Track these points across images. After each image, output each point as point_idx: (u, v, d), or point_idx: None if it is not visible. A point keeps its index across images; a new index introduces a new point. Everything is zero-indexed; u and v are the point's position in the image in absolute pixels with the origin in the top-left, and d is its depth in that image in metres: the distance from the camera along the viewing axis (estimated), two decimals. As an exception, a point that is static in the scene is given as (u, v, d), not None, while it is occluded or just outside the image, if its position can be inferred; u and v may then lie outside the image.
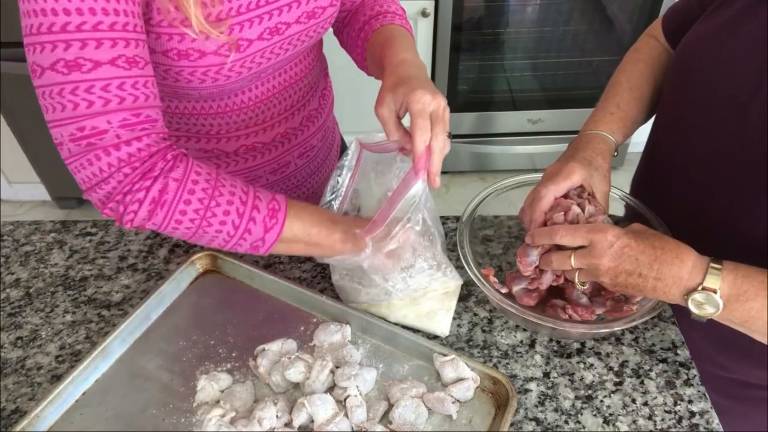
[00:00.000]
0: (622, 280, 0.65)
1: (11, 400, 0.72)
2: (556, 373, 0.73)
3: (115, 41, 0.60)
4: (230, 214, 0.66)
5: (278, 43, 0.75)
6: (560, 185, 0.72)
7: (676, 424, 0.68)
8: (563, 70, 2.28)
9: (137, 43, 0.63)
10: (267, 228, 0.68)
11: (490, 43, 2.18)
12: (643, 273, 0.64)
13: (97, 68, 0.60)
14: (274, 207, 0.69)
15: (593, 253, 0.66)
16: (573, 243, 0.67)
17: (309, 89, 0.91)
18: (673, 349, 0.76)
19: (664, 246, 0.64)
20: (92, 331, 0.79)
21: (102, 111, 0.61)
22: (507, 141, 2.36)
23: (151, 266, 0.88)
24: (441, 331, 0.77)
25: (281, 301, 0.80)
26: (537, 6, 2.11)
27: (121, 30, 0.61)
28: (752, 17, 0.67)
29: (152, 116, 0.64)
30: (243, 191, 0.68)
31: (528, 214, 0.74)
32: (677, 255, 0.63)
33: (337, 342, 0.74)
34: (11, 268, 0.89)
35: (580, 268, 0.67)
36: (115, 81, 0.61)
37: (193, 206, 0.65)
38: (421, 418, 0.66)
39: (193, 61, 0.69)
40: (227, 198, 0.66)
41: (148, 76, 0.64)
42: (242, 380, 0.72)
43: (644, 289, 0.65)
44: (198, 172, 0.66)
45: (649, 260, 0.64)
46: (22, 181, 2.37)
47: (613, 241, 0.65)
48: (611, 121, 0.81)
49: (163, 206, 0.64)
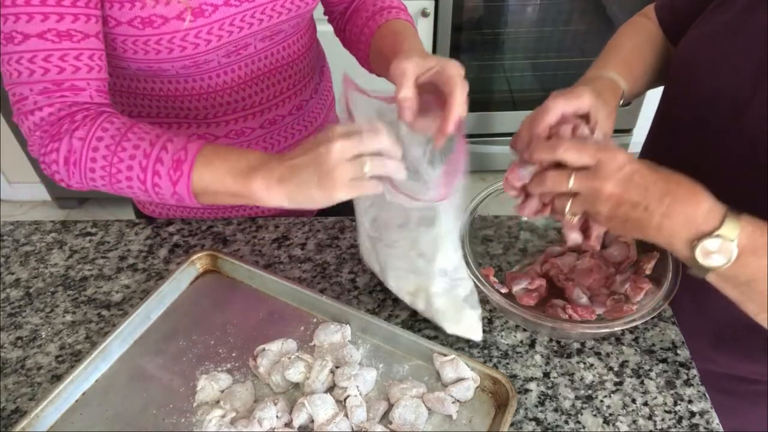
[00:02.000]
0: (623, 212, 0.56)
1: (11, 400, 0.72)
2: (556, 373, 0.73)
3: (47, 15, 0.64)
4: (133, 169, 0.66)
5: (249, 11, 0.76)
6: (570, 102, 0.65)
7: (676, 424, 0.68)
8: (563, 70, 2.28)
9: (75, 17, 0.66)
10: (173, 181, 0.66)
11: (490, 43, 2.18)
12: (651, 207, 0.55)
13: (26, 41, 0.65)
14: (179, 158, 0.66)
15: (598, 174, 0.56)
16: (578, 160, 0.58)
17: (300, 78, 0.91)
18: (673, 349, 0.76)
19: (680, 181, 0.56)
20: (92, 331, 0.79)
21: (26, 81, 0.67)
22: (507, 141, 2.34)
23: (151, 266, 0.88)
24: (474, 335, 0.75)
25: (281, 301, 0.80)
26: (537, 6, 2.11)
27: (70, 5, 0.65)
28: (753, 17, 0.67)
29: (78, 86, 0.68)
30: (150, 143, 0.67)
31: (527, 130, 0.66)
32: (694, 194, 0.55)
33: (337, 342, 0.74)
34: (11, 268, 0.89)
35: (577, 192, 0.58)
36: (41, 53, 0.65)
37: (99, 163, 0.67)
38: (421, 418, 0.66)
39: (157, 27, 0.71)
40: (130, 152, 0.66)
41: (84, 49, 0.68)
42: (242, 380, 0.72)
43: (647, 227, 0.57)
44: (105, 128, 0.67)
45: (659, 193, 0.55)
46: (22, 181, 2.37)
47: (623, 164, 0.56)
48: (617, 67, 0.75)
49: (75, 165, 0.68)
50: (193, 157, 0.66)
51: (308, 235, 0.92)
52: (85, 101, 0.69)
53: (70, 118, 0.68)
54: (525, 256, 0.87)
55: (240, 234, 0.92)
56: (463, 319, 0.74)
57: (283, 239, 0.91)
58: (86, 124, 0.68)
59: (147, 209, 1.01)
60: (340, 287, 0.84)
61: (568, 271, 0.80)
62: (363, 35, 0.86)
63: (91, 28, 0.68)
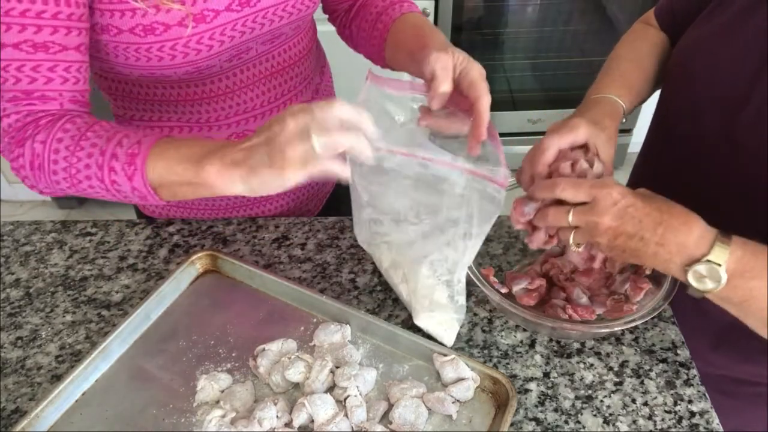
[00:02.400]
0: (621, 242, 0.61)
1: (11, 400, 0.72)
2: (556, 373, 0.73)
3: (24, 27, 0.64)
4: (90, 167, 0.66)
5: (251, 16, 0.75)
6: (564, 137, 0.68)
7: (676, 424, 0.68)
8: (563, 70, 2.28)
9: (55, 29, 0.66)
10: (128, 176, 0.65)
11: (490, 43, 2.18)
12: (646, 237, 0.59)
13: (1, 50, 0.65)
14: (133, 152, 0.64)
15: (595, 210, 0.61)
16: (575, 198, 0.62)
17: (301, 80, 0.91)
18: (673, 349, 0.76)
19: (672, 210, 0.60)
20: (92, 331, 0.79)
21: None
22: (507, 141, 2.36)
23: (151, 266, 0.88)
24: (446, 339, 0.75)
25: (281, 301, 0.80)
26: (537, 6, 2.11)
27: (50, 18, 0.65)
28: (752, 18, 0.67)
29: (48, 96, 0.68)
30: (107, 139, 0.66)
31: (528, 169, 0.70)
32: (685, 222, 0.59)
33: (337, 342, 0.74)
34: (11, 268, 0.89)
35: (577, 225, 0.63)
36: (14, 63, 0.66)
37: (60, 165, 0.67)
38: (421, 418, 0.66)
39: (159, 35, 0.71)
40: (87, 151, 0.66)
41: (60, 61, 0.67)
42: (242, 380, 0.72)
43: (643, 255, 0.61)
44: (66, 129, 0.67)
45: (653, 223, 0.59)
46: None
47: (618, 199, 0.60)
48: (617, 87, 0.78)
49: (40, 169, 0.68)
50: (147, 149, 0.64)
51: (308, 235, 0.92)
52: (54, 109, 0.69)
53: (35, 123, 0.68)
54: (525, 256, 0.87)
55: (240, 234, 0.92)
56: (441, 317, 0.74)
57: (283, 239, 0.91)
58: (47, 128, 0.68)
59: (147, 210, 1.01)
60: (340, 287, 0.84)
61: (568, 271, 0.80)
62: (376, 30, 0.85)
63: (71, 41, 0.67)
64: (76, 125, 0.68)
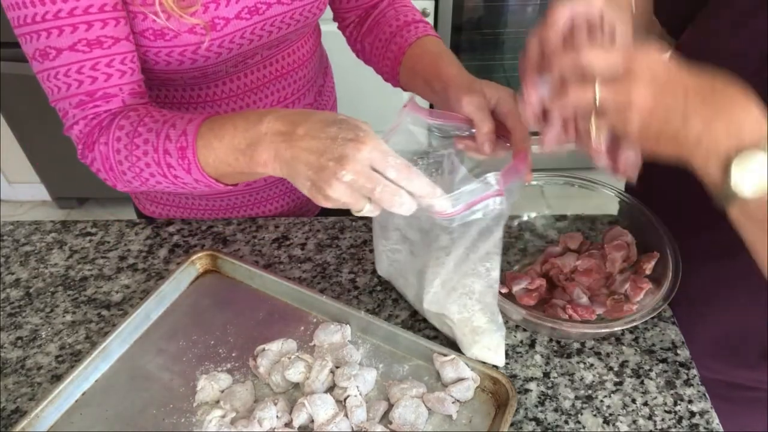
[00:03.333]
0: (657, 125, 0.49)
1: (11, 400, 0.72)
2: (556, 373, 0.73)
3: (76, 26, 0.64)
4: (151, 166, 0.67)
5: (259, 23, 0.75)
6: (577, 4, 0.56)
7: (676, 424, 0.68)
8: (563, 70, 2.28)
9: (104, 23, 0.65)
10: (186, 169, 0.65)
11: (490, 43, 2.18)
12: (690, 115, 0.47)
13: (59, 55, 0.65)
14: (182, 146, 0.65)
15: (629, 80, 0.48)
16: (605, 64, 0.50)
17: (305, 83, 0.91)
18: (673, 349, 0.76)
19: (726, 84, 0.48)
20: (92, 331, 0.79)
21: (65, 96, 0.68)
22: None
23: (151, 266, 0.88)
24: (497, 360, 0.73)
25: (281, 301, 0.80)
26: (537, 6, 2.11)
27: (97, 11, 0.64)
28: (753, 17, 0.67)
29: (110, 93, 0.69)
30: (156, 134, 0.66)
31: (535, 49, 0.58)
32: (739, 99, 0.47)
33: (337, 342, 0.74)
34: (11, 268, 0.89)
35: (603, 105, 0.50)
36: (74, 66, 0.66)
37: (125, 165, 0.69)
38: (421, 418, 0.66)
39: (169, 40, 0.70)
40: (143, 149, 0.67)
41: (115, 54, 0.67)
42: (242, 380, 0.72)
43: (683, 142, 0.48)
44: (121, 127, 0.68)
45: (701, 99, 0.47)
46: (22, 181, 2.37)
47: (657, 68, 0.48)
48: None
49: (112, 170, 0.69)
50: (193, 141, 0.64)
51: (308, 235, 0.92)
52: (118, 107, 0.70)
53: (99, 125, 0.70)
54: (525, 256, 0.87)
55: (240, 234, 0.92)
56: (486, 342, 0.71)
57: (283, 239, 0.91)
58: (107, 128, 0.69)
59: (147, 210, 1.01)
60: (340, 287, 0.84)
61: (568, 271, 0.80)
62: (390, 52, 0.84)
63: (120, 31, 0.68)
64: (130, 120, 0.68)
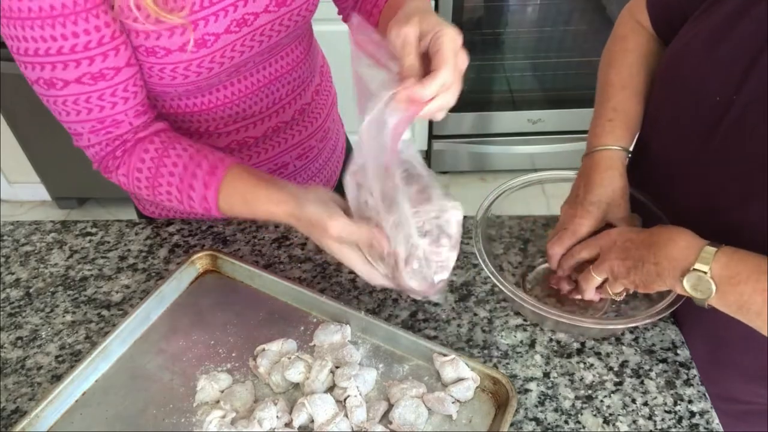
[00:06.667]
0: (633, 274, 0.67)
1: (11, 400, 0.72)
2: (556, 373, 0.73)
3: (79, 62, 0.67)
4: (172, 202, 0.75)
5: (249, 35, 0.75)
6: (565, 244, 0.76)
7: (676, 424, 0.68)
8: (563, 70, 2.28)
9: (105, 56, 0.68)
10: (206, 209, 0.73)
11: (490, 43, 2.18)
12: (645, 260, 0.65)
13: (66, 86, 0.68)
14: (206, 207, 0.73)
15: (603, 257, 0.69)
16: (589, 254, 0.72)
17: (299, 84, 0.90)
18: (673, 349, 0.76)
19: (661, 231, 0.66)
20: (92, 331, 0.79)
21: (76, 120, 0.72)
22: (507, 141, 2.36)
23: (151, 266, 0.88)
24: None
25: (281, 301, 0.80)
26: (537, 6, 2.11)
27: (96, 46, 0.67)
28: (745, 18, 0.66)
29: (118, 119, 0.73)
30: (180, 179, 0.73)
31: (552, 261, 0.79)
32: (670, 237, 0.64)
33: (337, 342, 0.74)
34: (11, 268, 0.89)
35: (603, 278, 0.70)
36: (82, 96, 0.69)
37: (144, 192, 0.76)
38: (421, 418, 0.66)
39: (160, 58, 0.72)
40: (166, 189, 0.74)
41: (118, 83, 0.70)
42: (242, 380, 0.72)
43: (650, 278, 0.65)
44: (142, 159, 0.74)
45: (646, 247, 0.66)
46: (22, 181, 2.37)
47: (616, 239, 0.69)
48: (613, 129, 0.79)
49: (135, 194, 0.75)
50: (216, 189, 0.71)
51: (308, 235, 0.92)
52: (125, 131, 0.74)
53: (112, 154, 0.75)
54: (525, 257, 0.87)
55: (240, 234, 0.92)
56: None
57: (283, 239, 0.91)
58: (125, 161, 0.75)
59: (147, 210, 1.01)
60: (340, 287, 0.84)
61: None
62: (372, 16, 0.84)
63: (121, 59, 0.69)
64: (149, 155, 0.74)
